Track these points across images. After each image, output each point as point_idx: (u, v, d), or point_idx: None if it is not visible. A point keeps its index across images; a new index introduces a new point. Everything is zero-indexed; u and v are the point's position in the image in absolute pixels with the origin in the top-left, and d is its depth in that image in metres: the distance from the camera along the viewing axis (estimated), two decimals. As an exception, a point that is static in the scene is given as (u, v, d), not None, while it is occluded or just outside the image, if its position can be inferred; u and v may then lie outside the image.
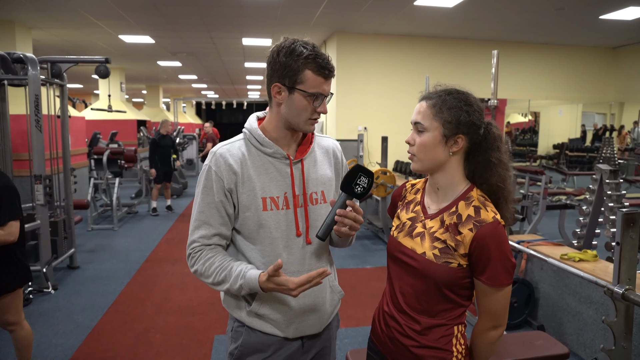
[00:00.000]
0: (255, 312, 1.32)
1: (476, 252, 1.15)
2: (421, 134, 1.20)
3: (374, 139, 7.77)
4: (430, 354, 1.21)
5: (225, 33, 7.90)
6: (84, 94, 19.81)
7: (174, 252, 5.41)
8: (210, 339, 3.25)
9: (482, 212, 1.17)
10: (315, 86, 1.24)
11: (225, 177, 1.29)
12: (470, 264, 1.18)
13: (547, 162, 12.79)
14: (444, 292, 1.20)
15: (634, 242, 1.85)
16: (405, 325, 1.25)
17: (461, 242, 1.17)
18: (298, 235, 1.33)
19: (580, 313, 2.99)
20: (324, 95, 1.27)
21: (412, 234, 1.26)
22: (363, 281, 4.45)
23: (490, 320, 1.21)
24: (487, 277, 1.15)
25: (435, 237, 1.21)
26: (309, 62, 1.22)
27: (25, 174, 4.92)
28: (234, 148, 1.33)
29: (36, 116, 4.02)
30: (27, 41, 7.19)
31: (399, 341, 1.26)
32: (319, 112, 1.29)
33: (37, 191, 4.09)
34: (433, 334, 1.22)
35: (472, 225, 1.16)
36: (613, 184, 3.29)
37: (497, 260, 1.14)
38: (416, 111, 1.23)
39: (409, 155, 1.26)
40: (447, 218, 1.21)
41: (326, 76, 1.26)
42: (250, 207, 1.29)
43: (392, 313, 1.29)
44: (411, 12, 6.43)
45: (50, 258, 4.22)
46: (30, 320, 3.50)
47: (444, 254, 1.18)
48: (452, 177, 1.23)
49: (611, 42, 8.47)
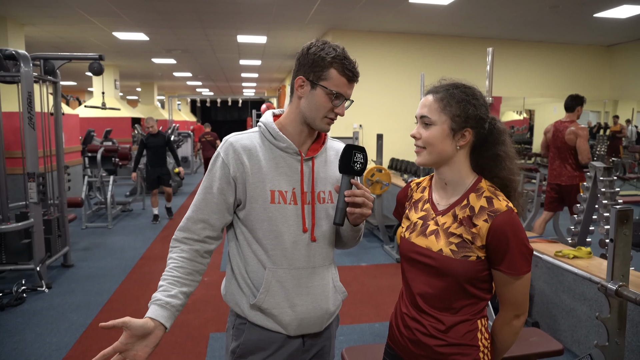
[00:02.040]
0: (259, 306, 1.31)
1: (493, 242, 1.15)
2: (428, 127, 1.20)
3: (369, 137, 7.77)
4: (457, 351, 1.20)
5: (220, 30, 7.87)
6: (78, 92, 19.68)
7: (168, 249, 5.39)
8: (205, 337, 3.24)
9: (494, 202, 1.17)
10: (338, 85, 1.27)
11: (232, 165, 1.30)
12: (487, 256, 1.17)
13: (541, 160, 12.85)
14: (465, 288, 1.19)
15: (628, 239, 1.85)
16: (429, 325, 1.22)
17: (477, 234, 1.16)
18: (305, 231, 1.33)
19: (574, 310, 3.01)
20: (345, 98, 1.29)
21: (425, 232, 1.25)
22: (358, 279, 4.45)
23: (512, 310, 1.21)
24: (506, 266, 1.15)
25: (450, 232, 1.19)
26: (336, 61, 1.26)
27: (18, 172, 4.89)
28: (247, 139, 1.34)
29: (29, 113, 3.99)
30: (19, 37, 7.13)
31: (423, 342, 1.23)
32: (337, 113, 1.31)
33: (30, 189, 4.06)
34: (458, 330, 1.20)
35: (486, 216, 1.15)
36: (607, 182, 3.30)
37: (515, 249, 1.14)
38: (422, 105, 1.23)
39: (415, 149, 1.24)
40: (459, 212, 1.20)
41: (350, 79, 1.28)
42: (258, 199, 1.30)
43: (412, 315, 1.27)
44: (407, 9, 6.43)
45: (44, 256, 4.19)
46: (24, 319, 3.49)
47: (461, 248, 1.17)
48: (459, 171, 1.23)
49: (605, 40, 8.52)
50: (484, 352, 1.22)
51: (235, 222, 1.37)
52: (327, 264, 1.39)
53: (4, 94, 4.62)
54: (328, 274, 1.40)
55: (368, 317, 3.57)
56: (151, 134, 6.66)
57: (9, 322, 3.44)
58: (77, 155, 7.48)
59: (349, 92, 1.30)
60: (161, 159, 6.67)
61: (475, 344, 1.21)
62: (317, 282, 1.36)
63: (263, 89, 20.33)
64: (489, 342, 1.25)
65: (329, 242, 1.39)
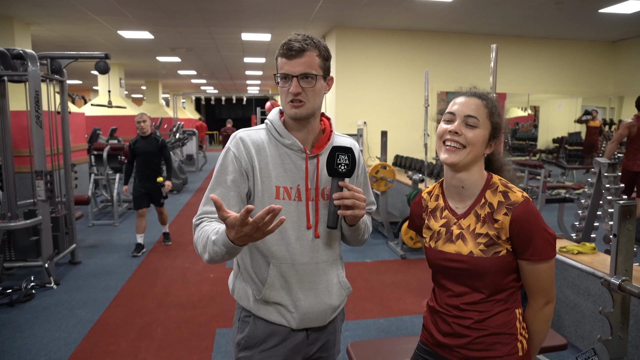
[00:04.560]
0: (264, 300, 1.34)
1: (516, 233, 1.19)
2: (473, 129, 1.21)
3: (374, 134, 7.79)
4: (497, 340, 1.24)
5: (224, 28, 7.89)
6: (83, 90, 19.78)
7: (174, 246, 5.43)
8: (211, 333, 3.28)
9: (510, 195, 1.21)
10: (281, 67, 1.28)
11: (243, 158, 1.33)
12: (513, 247, 1.21)
13: (546, 156, 12.81)
14: (501, 281, 1.23)
15: (631, 234, 1.86)
16: (469, 318, 1.25)
17: (500, 228, 1.20)
18: (308, 227, 1.35)
19: (578, 305, 3.02)
20: (292, 76, 1.26)
21: (451, 238, 1.27)
22: (363, 275, 4.47)
23: (542, 298, 1.25)
24: (531, 254, 1.19)
25: (476, 233, 1.23)
26: (280, 49, 1.29)
27: (26, 170, 4.93)
28: (255, 134, 1.37)
29: (36, 112, 4.03)
30: (25, 37, 7.18)
31: (464, 334, 1.26)
32: (292, 93, 1.27)
33: (38, 187, 4.11)
34: (497, 320, 1.24)
35: (505, 210, 1.20)
36: (611, 177, 3.30)
37: (537, 235, 1.18)
38: (466, 105, 1.23)
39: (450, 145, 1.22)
40: (480, 211, 1.24)
41: (288, 56, 1.26)
42: (264, 194, 1.32)
43: (451, 312, 1.28)
44: (410, 6, 6.42)
45: (52, 253, 4.24)
46: (33, 315, 3.54)
47: (490, 247, 1.21)
48: (477, 174, 1.26)
49: (610, 35, 8.47)
50: (521, 340, 1.25)
51: None
52: (332, 259, 1.41)
53: (11, 93, 4.66)
54: (332, 269, 1.42)
55: (372, 313, 3.60)
56: (141, 137, 5.12)
57: (19, 318, 3.49)
58: (84, 154, 7.54)
59: (294, 69, 1.26)
60: (153, 170, 5.15)
61: (514, 332, 1.24)
62: (320, 277, 1.38)
63: (267, 87, 20.34)
64: (525, 330, 1.28)
65: (332, 239, 1.41)
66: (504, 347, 1.23)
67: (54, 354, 2.96)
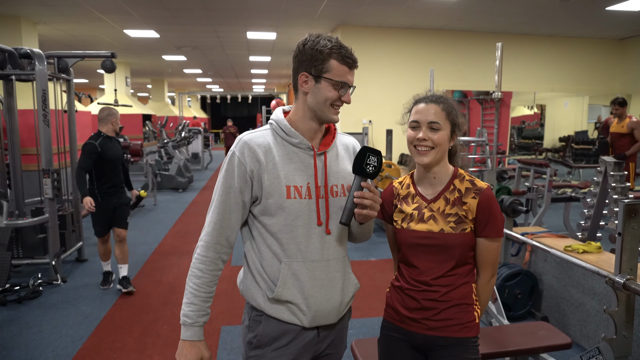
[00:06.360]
0: (276, 299, 1.34)
1: (480, 213, 1.41)
2: (436, 132, 1.41)
3: (379, 132, 7.78)
4: (459, 310, 1.43)
5: (230, 27, 7.91)
6: (89, 89, 19.89)
7: (180, 245, 5.46)
8: (217, 330, 3.30)
9: (477, 182, 1.45)
10: (341, 75, 1.32)
11: (248, 163, 1.33)
12: (474, 226, 1.42)
13: (552, 155, 12.75)
14: (464, 256, 1.43)
15: (636, 233, 1.86)
16: (436, 292, 1.43)
17: (468, 209, 1.42)
18: (319, 224, 1.36)
19: (583, 304, 3.01)
20: (349, 85, 1.35)
21: (423, 219, 1.45)
22: (368, 273, 4.48)
23: (491, 270, 1.48)
24: (490, 231, 1.42)
25: (446, 213, 1.43)
26: (334, 51, 1.31)
27: (33, 168, 4.98)
28: (260, 136, 1.37)
29: (44, 111, 4.06)
30: (32, 36, 7.23)
31: (429, 307, 1.43)
32: (343, 102, 1.36)
33: (45, 185, 4.14)
34: (459, 292, 1.44)
35: (473, 194, 1.43)
36: (617, 176, 3.29)
37: (496, 217, 1.43)
38: (426, 112, 1.42)
39: (421, 150, 1.42)
40: (449, 195, 1.45)
41: (350, 66, 1.34)
42: (274, 194, 1.33)
43: (419, 287, 1.45)
44: (415, 4, 6.41)
45: (59, 251, 4.28)
46: (41, 312, 3.58)
47: (459, 224, 1.41)
48: (445, 165, 1.48)
49: (617, 33, 8.41)
50: (476, 309, 1.47)
51: (250, 219, 1.40)
52: (341, 256, 1.43)
53: (19, 92, 4.71)
54: (342, 266, 1.43)
55: (377, 311, 3.60)
56: (106, 136, 3.81)
57: (27, 315, 3.53)
58: (90, 152, 7.57)
59: (351, 79, 1.36)
60: (122, 181, 4.01)
61: (471, 302, 1.45)
62: (331, 274, 1.39)
63: (273, 85, 20.37)
64: (476, 298, 1.49)
65: (342, 236, 1.42)
66: (465, 315, 1.43)
67: (61, 350, 3.00)
